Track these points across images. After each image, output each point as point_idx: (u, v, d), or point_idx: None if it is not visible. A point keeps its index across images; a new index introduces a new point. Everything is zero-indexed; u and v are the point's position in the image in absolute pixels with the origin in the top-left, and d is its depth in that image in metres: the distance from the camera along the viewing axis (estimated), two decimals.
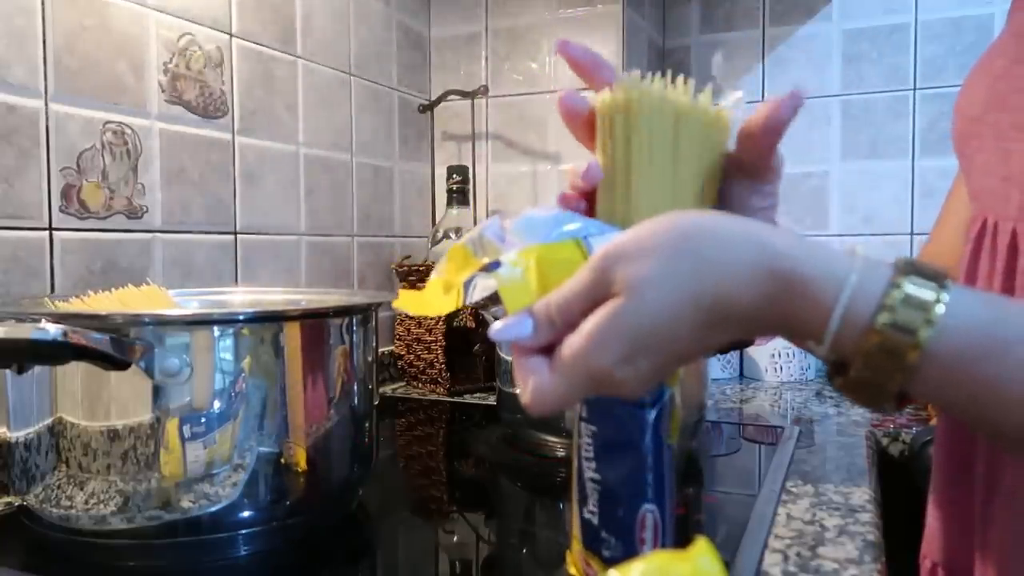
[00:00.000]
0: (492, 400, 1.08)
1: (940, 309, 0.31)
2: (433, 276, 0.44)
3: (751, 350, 1.32)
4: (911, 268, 0.33)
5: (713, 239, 0.33)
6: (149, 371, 0.55)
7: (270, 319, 0.61)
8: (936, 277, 0.32)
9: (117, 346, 0.53)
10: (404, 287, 1.25)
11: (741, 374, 1.36)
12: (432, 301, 0.43)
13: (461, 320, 1.22)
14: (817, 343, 0.33)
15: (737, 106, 0.42)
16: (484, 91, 1.32)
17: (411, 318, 1.25)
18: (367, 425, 0.70)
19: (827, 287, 0.32)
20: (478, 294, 0.39)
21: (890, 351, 0.32)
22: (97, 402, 0.56)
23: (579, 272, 0.35)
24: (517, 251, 0.39)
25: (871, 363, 0.32)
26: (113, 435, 0.56)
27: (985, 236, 0.49)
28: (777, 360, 1.30)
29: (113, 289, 0.72)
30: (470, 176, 1.29)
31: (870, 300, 0.32)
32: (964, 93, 0.50)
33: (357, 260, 1.24)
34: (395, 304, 0.44)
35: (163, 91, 0.89)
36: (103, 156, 0.82)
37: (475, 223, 1.29)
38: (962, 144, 0.51)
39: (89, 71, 0.81)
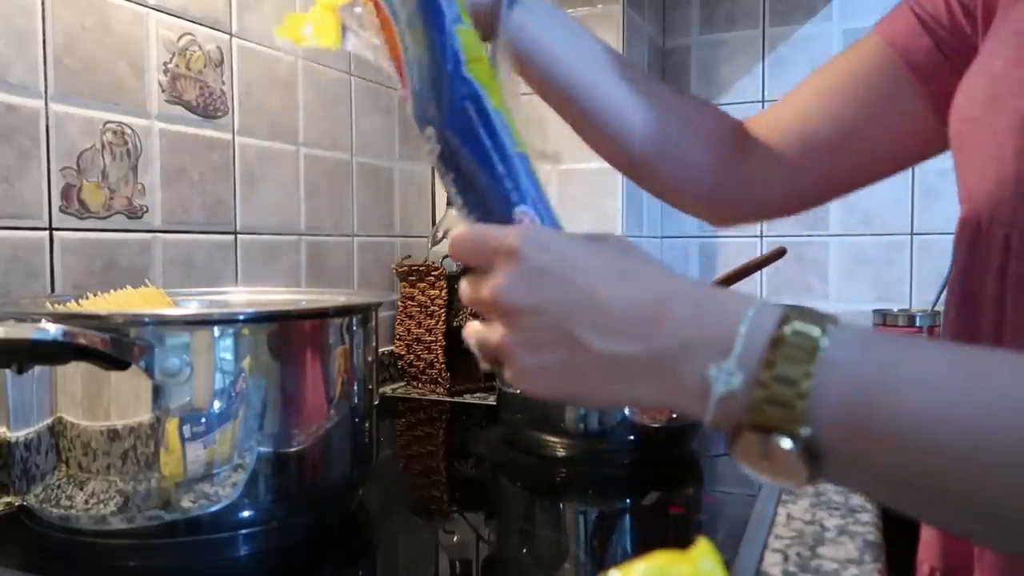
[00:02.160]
0: (492, 400, 1.08)
1: (824, 343, 0.32)
2: None
3: None
4: (796, 314, 0.33)
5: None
6: (149, 371, 0.55)
7: (270, 319, 0.61)
8: (820, 318, 0.33)
9: (117, 346, 0.53)
10: (404, 287, 1.25)
11: None
12: (315, 28, 0.44)
13: (461, 320, 1.22)
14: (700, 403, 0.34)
15: None
16: None
17: (411, 318, 1.25)
18: (367, 425, 0.70)
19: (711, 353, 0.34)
20: (351, 46, 0.43)
21: (775, 400, 0.32)
22: (97, 402, 0.56)
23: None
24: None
25: (761, 409, 0.32)
26: (113, 435, 0.56)
27: (979, 239, 0.48)
28: None
29: (113, 290, 0.72)
30: None
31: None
32: (963, 91, 0.50)
33: (357, 260, 1.24)
34: (277, 33, 0.45)
35: (163, 91, 0.89)
36: (103, 156, 0.82)
37: None
38: (958, 144, 0.51)
39: (89, 71, 0.81)
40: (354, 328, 0.67)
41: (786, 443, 0.31)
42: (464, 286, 0.41)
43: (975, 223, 0.49)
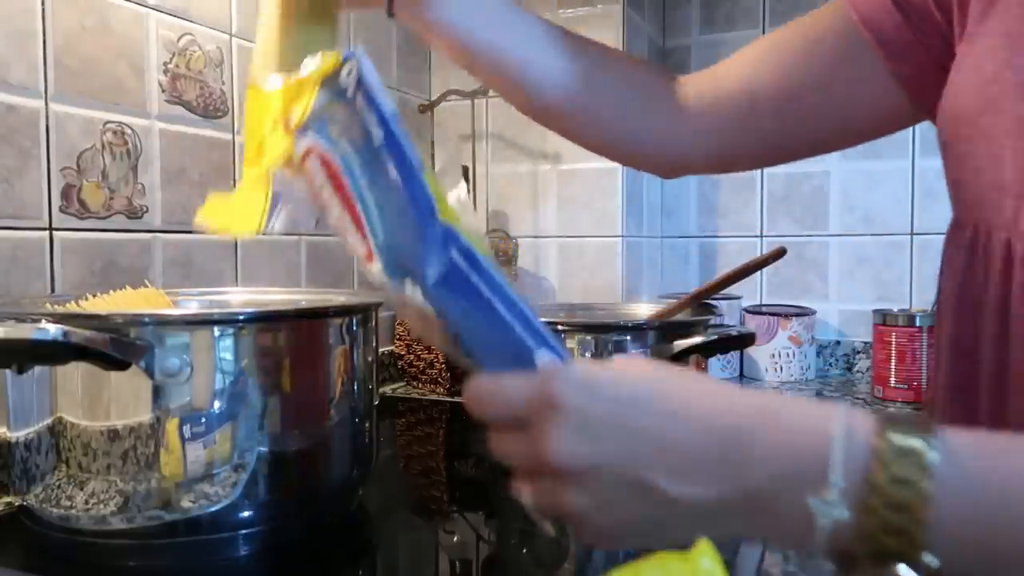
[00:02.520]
0: None
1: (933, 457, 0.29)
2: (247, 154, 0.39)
3: (751, 350, 1.32)
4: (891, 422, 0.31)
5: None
6: (149, 371, 0.55)
7: (270, 319, 0.61)
8: (917, 428, 0.31)
9: (117, 346, 0.53)
10: None
11: (741, 374, 1.36)
12: (239, 211, 0.39)
13: None
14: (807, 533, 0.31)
15: None
16: (484, 91, 1.32)
17: None
18: (367, 425, 0.70)
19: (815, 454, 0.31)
20: (281, 224, 0.38)
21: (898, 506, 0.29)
22: (97, 402, 0.56)
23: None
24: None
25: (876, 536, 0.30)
26: (113, 435, 0.56)
27: (978, 245, 0.47)
28: (777, 360, 1.30)
29: (112, 291, 0.72)
30: (470, 176, 1.29)
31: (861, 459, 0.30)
32: (952, 93, 0.49)
33: (357, 260, 1.24)
34: (196, 219, 0.40)
35: (163, 91, 0.89)
36: (103, 156, 0.82)
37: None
38: (950, 146, 0.50)
39: (89, 71, 0.81)
40: (354, 328, 0.67)
41: (908, 572, 0.30)
42: (502, 445, 0.37)
43: (972, 227, 0.48)
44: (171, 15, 0.89)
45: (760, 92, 0.59)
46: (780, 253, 0.87)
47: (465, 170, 1.30)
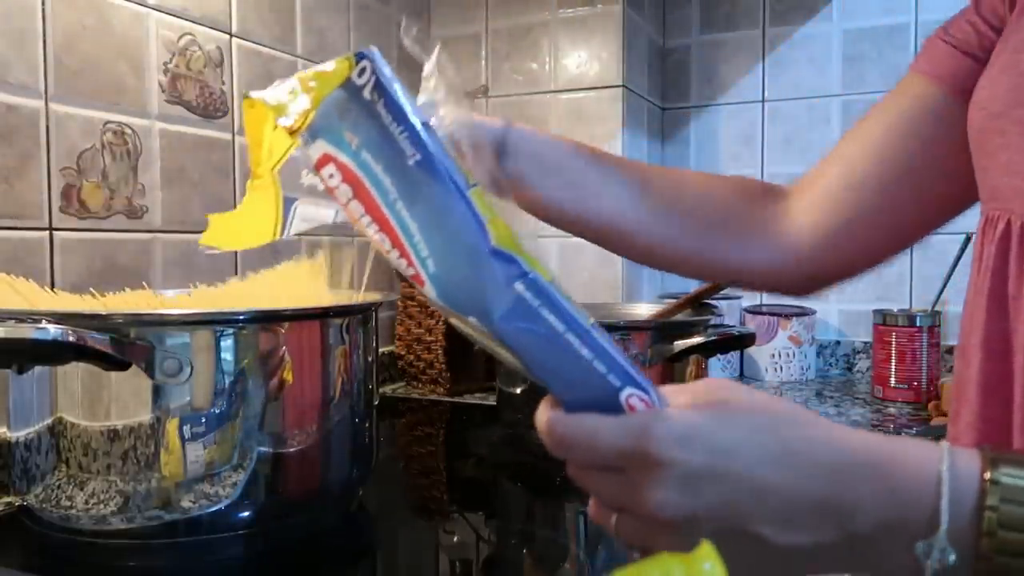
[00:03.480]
0: (492, 400, 1.08)
1: None
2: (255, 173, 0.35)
3: (751, 350, 1.32)
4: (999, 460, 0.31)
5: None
6: (149, 371, 0.55)
7: (270, 319, 0.61)
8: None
9: (117, 346, 0.53)
10: (405, 287, 1.25)
11: (741, 374, 1.36)
12: (248, 224, 0.36)
13: None
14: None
15: None
16: (484, 91, 1.32)
17: (411, 318, 1.25)
18: (367, 425, 0.70)
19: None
20: (298, 226, 0.35)
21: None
22: (97, 402, 0.56)
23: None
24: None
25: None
26: (113, 435, 0.56)
27: (1011, 238, 0.47)
28: (777, 360, 1.30)
29: (111, 293, 0.72)
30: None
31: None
32: (984, 87, 0.49)
33: (357, 260, 1.24)
34: (202, 241, 0.38)
35: (163, 91, 0.89)
36: (103, 156, 0.82)
37: None
38: (981, 140, 0.50)
39: (89, 71, 0.81)
40: (354, 328, 0.67)
41: None
42: (589, 483, 0.36)
43: (1005, 221, 0.48)
44: (171, 15, 0.89)
45: (864, 184, 0.57)
46: None
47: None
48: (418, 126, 0.32)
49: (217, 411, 0.57)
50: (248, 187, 0.35)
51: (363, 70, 0.32)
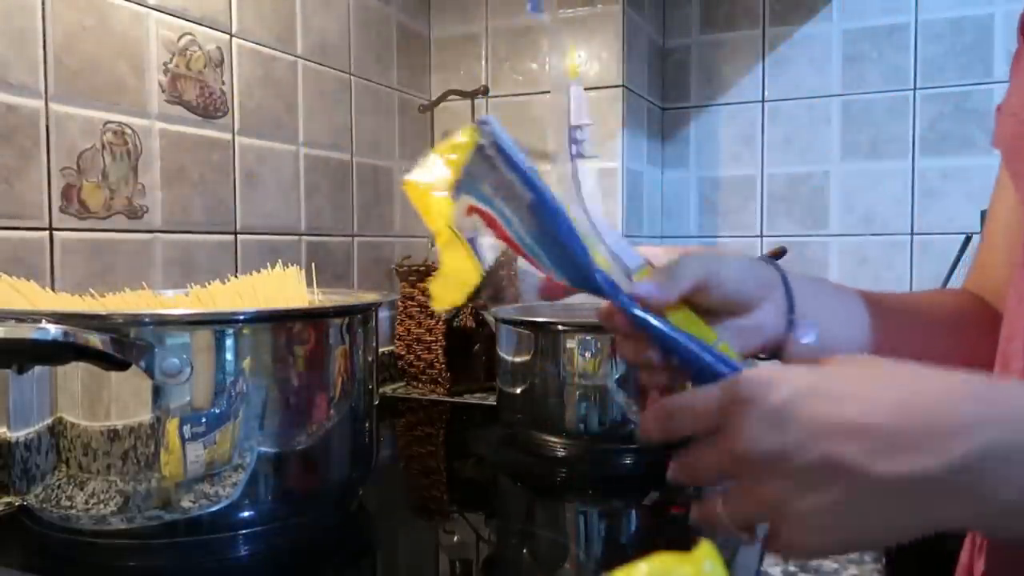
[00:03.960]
0: (492, 400, 1.08)
1: None
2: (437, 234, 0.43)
3: None
4: None
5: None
6: (149, 371, 0.55)
7: (270, 319, 0.61)
8: None
9: (117, 346, 0.53)
10: (404, 287, 1.25)
11: None
12: (456, 274, 0.43)
13: (461, 320, 1.22)
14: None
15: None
16: (484, 91, 1.32)
17: (411, 318, 1.24)
18: (367, 425, 0.70)
19: None
20: (489, 255, 0.42)
21: None
22: (97, 402, 0.56)
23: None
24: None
25: None
26: (113, 435, 0.56)
27: None
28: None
29: (111, 293, 0.72)
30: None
31: None
32: (1014, 93, 0.48)
33: (357, 260, 1.24)
34: (435, 307, 0.44)
35: (163, 91, 0.89)
36: (103, 156, 0.82)
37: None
38: (1015, 146, 0.48)
39: (89, 71, 0.81)
40: (354, 328, 0.67)
41: None
42: (695, 459, 0.37)
43: None
44: (171, 15, 0.89)
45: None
46: (780, 253, 0.87)
47: None
48: (529, 174, 0.40)
49: (217, 411, 0.57)
50: (439, 249, 0.43)
51: (484, 134, 0.41)
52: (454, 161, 0.42)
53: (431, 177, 0.42)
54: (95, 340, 0.52)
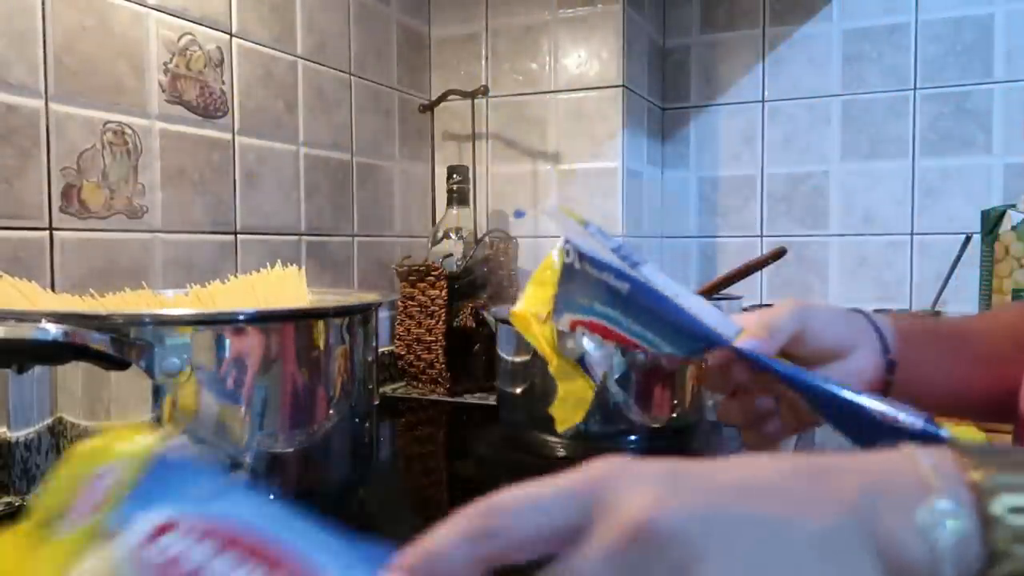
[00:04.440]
0: (492, 400, 1.08)
1: None
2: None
3: None
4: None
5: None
6: (149, 371, 0.55)
7: (270, 319, 0.61)
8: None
9: (117, 346, 0.53)
10: (404, 287, 1.25)
11: None
12: (574, 394, 0.47)
13: (461, 320, 1.22)
14: None
15: None
16: (484, 91, 1.32)
17: (411, 318, 1.25)
18: (367, 425, 0.70)
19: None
20: (598, 371, 0.47)
21: None
22: (97, 402, 0.56)
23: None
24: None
25: None
26: None
27: None
28: None
29: (111, 293, 0.72)
30: (470, 176, 1.29)
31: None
32: None
33: (357, 260, 1.24)
34: (560, 428, 0.46)
35: (163, 91, 0.89)
36: (103, 156, 0.82)
37: (475, 223, 1.29)
38: None
39: (89, 71, 0.81)
40: (354, 328, 0.67)
41: None
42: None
43: None
44: (171, 15, 0.90)
45: None
46: (780, 253, 0.88)
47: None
48: (615, 264, 0.42)
49: (217, 411, 0.57)
50: (552, 372, 0.46)
51: (568, 252, 0.43)
52: (548, 285, 0.44)
53: (532, 306, 0.45)
54: (95, 340, 0.52)
